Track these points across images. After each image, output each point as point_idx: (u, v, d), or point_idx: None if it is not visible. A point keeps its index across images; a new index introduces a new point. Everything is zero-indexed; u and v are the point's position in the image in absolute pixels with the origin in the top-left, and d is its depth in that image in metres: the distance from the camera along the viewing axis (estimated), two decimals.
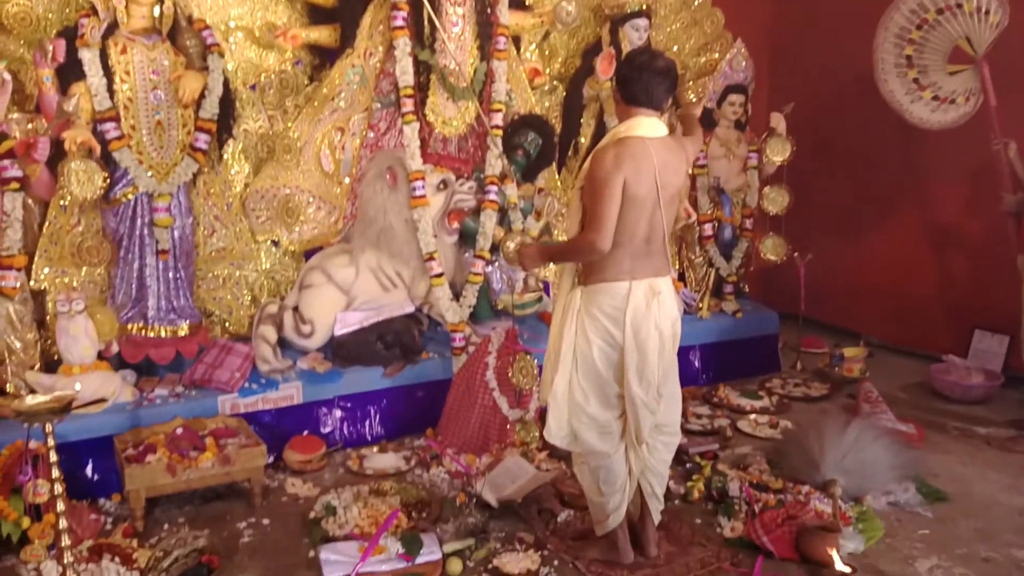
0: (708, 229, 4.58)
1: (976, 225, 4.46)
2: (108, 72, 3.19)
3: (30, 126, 3.11)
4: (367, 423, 3.59)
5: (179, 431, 3.02)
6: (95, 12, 3.17)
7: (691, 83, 4.79)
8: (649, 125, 2.41)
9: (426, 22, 3.63)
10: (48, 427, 2.42)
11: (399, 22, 3.61)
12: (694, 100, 4.48)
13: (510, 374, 3.39)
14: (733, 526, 2.84)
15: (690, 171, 2.58)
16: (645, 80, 2.39)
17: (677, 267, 4.75)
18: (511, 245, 2.76)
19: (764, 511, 2.82)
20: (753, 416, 3.87)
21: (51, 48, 3.08)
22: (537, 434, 3.40)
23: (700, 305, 4.54)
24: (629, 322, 2.40)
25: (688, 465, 3.28)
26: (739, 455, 3.44)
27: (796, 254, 4.64)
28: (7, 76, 3.01)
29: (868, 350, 4.61)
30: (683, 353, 4.19)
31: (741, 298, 4.71)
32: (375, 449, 3.47)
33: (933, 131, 4.19)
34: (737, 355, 4.46)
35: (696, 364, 4.40)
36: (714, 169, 4.59)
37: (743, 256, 4.68)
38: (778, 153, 4.56)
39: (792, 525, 2.71)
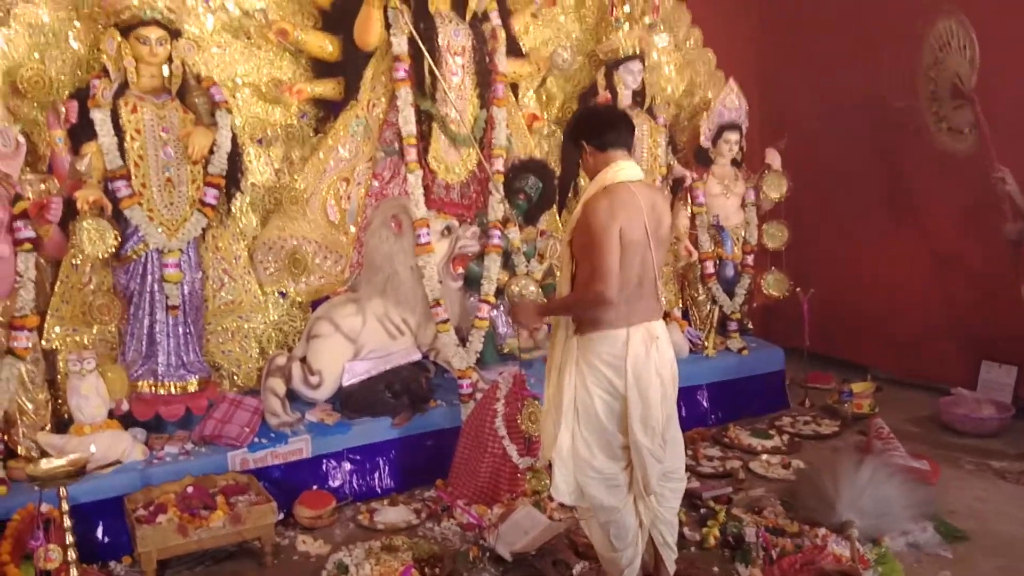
0: (710, 267, 4.60)
1: (978, 255, 4.45)
2: (119, 131, 3.24)
3: (43, 187, 3.14)
4: (376, 475, 3.56)
5: (190, 490, 3.00)
6: (106, 73, 3.24)
7: (686, 123, 4.87)
8: (629, 168, 2.47)
9: (427, 73, 3.71)
10: (62, 491, 2.42)
11: (400, 73, 3.69)
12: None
13: (519, 420, 3.38)
14: (751, 573, 2.80)
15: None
16: (612, 124, 2.50)
17: (680, 305, 4.75)
18: (516, 289, 2.77)
19: (782, 556, 2.80)
20: (765, 456, 3.84)
21: (63, 110, 3.14)
22: (548, 482, 3.37)
23: (706, 344, 4.54)
24: (630, 370, 2.39)
25: (703, 511, 3.25)
26: (753, 498, 3.41)
27: (798, 289, 4.63)
28: (21, 139, 3.06)
29: (876, 384, 4.58)
30: (691, 393, 4.24)
31: (745, 335, 4.70)
32: (385, 502, 3.44)
33: (930, 160, 4.23)
34: (745, 393, 4.44)
35: (704, 404, 4.38)
36: (713, 207, 4.62)
37: (746, 292, 4.68)
38: (775, 189, 4.61)
39: (811, 570, 2.68)
